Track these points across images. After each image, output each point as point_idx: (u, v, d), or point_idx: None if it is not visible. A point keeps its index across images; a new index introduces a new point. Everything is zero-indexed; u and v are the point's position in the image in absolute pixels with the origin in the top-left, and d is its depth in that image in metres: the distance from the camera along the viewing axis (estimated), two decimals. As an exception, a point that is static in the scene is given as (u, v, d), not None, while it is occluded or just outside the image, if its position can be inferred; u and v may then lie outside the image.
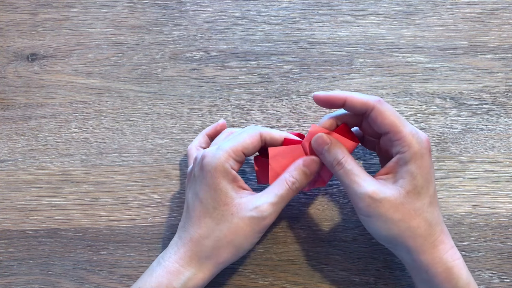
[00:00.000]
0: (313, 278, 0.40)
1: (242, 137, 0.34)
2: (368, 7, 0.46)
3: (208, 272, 0.33)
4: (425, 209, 0.32)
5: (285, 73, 0.44)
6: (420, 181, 0.32)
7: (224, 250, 0.33)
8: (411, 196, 0.32)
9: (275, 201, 0.33)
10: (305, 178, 0.34)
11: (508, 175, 0.42)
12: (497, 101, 0.44)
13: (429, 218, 0.32)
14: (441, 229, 0.33)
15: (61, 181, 0.42)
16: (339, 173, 0.33)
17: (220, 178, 0.33)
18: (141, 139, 0.43)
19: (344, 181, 0.33)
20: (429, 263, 0.32)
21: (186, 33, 0.45)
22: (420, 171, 0.32)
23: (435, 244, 0.32)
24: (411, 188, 0.32)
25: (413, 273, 0.34)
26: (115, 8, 0.46)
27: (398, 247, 0.33)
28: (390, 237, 0.33)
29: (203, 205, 0.33)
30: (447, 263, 0.32)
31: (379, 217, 0.32)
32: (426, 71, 0.44)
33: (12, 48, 0.45)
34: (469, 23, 0.45)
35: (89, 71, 0.44)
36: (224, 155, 0.33)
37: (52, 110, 0.44)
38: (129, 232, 0.41)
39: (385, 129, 0.33)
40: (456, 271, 0.32)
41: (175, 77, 0.44)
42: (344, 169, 0.33)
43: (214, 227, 0.33)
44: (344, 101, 0.34)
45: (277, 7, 0.46)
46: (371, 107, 0.33)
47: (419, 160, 0.32)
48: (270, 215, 0.33)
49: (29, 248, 0.41)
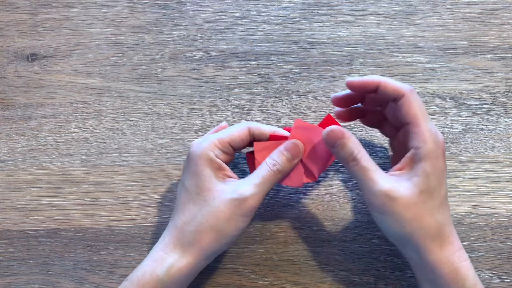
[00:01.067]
0: (313, 278, 0.40)
1: (230, 130, 0.35)
2: (368, 7, 0.46)
3: (192, 258, 0.33)
4: (436, 209, 0.32)
5: (285, 73, 0.44)
6: (433, 182, 0.32)
7: (206, 235, 0.32)
8: (424, 196, 0.32)
9: (256, 182, 0.33)
10: (287, 161, 0.34)
11: (508, 175, 0.42)
12: (497, 101, 0.44)
13: (439, 219, 0.32)
14: (450, 230, 0.33)
15: (61, 181, 0.42)
16: (354, 169, 0.33)
17: (203, 166, 0.33)
18: (141, 139, 0.43)
19: (359, 177, 0.33)
20: (436, 263, 0.32)
21: (186, 33, 0.45)
22: (434, 171, 0.32)
23: (444, 245, 0.32)
24: (425, 187, 0.32)
25: (420, 272, 0.34)
26: (115, 8, 0.46)
27: (407, 246, 0.33)
28: (401, 236, 0.33)
29: (187, 192, 0.34)
30: (454, 264, 0.32)
31: (393, 215, 0.32)
32: (426, 71, 0.44)
33: (12, 48, 0.45)
34: (469, 23, 0.45)
35: (89, 71, 0.44)
36: (209, 144, 0.34)
37: (52, 110, 0.44)
38: (129, 232, 0.41)
39: (408, 119, 0.33)
40: (463, 272, 0.32)
41: (175, 77, 0.44)
42: (359, 166, 0.33)
43: (197, 212, 0.33)
44: (378, 85, 0.34)
45: (277, 7, 0.46)
46: (402, 94, 0.33)
47: (434, 160, 0.32)
48: (251, 196, 0.32)
49: (29, 248, 0.41)
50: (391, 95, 0.34)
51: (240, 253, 0.41)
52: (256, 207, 0.33)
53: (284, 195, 0.42)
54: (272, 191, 0.42)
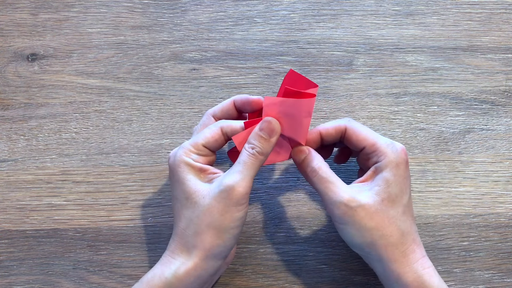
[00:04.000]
0: (313, 278, 0.40)
1: (203, 133, 0.35)
2: (368, 7, 0.46)
3: (198, 259, 0.33)
4: (399, 217, 0.33)
5: (285, 73, 0.44)
6: (394, 189, 0.33)
7: (206, 235, 0.33)
8: (386, 204, 0.32)
9: (239, 169, 0.33)
10: (264, 141, 0.33)
11: (508, 175, 0.42)
12: (497, 101, 0.44)
13: (402, 227, 0.33)
14: (413, 238, 0.33)
15: (61, 181, 0.42)
16: (314, 180, 0.34)
17: (185, 173, 0.34)
18: (141, 139, 0.43)
19: (319, 189, 0.34)
20: (400, 272, 0.32)
21: (186, 33, 0.45)
22: (395, 179, 0.33)
23: (406, 253, 0.33)
24: (386, 195, 0.33)
25: (385, 283, 0.34)
26: (115, 8, 0.46)
27: (370, 256, 0.34)
28: (363, 245, 0.33)
29: (178, 201, 0.34)
30: (417, 272, 0.32)
31: (354, 224, 0.32)
32: (426, 71, 0.44)
33: (12, 48, 0.45)
34: (469, 23, 0.45)
35: (89, 71, 0.44)
36: (183, 152, 0.34)
37: (52, 110, 0.44)
38: (129, 232, 0.41)
39: (361, 144, 0.34)
40: (427, 279, 0.32)
41: (175, 77, 0.44)
42: (319, 176, 0.33)
43: (191, 216, 0.33)
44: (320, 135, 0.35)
45: (277, 7, 0.46)
46: (343, 129, 0.35)
47: (395, 169, 0.33)
48: (237, 183, 0.32)
49: (29, 248, 0.41)
50: (336, 136, 0.35)
51: (240, 253, 0.41)
52: (246, 193, 0.33)
53: (284, 195, 0.42)
54: (272, 191, 0.42)
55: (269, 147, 0.34)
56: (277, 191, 0.42)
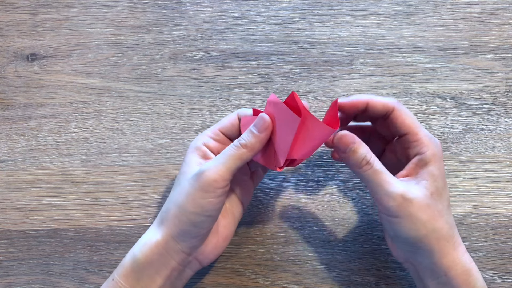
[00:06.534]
0: (313, 278, 0.40)
1: (222, 120, 0.36)
2: (368, 7, 0.46)
3: (160, 235, 0.33)
4: (445, 211, 0.33)
5: (285, 73, 0.44)
6: (440, 183, 0.33)
7: (170, 212, 0.33)
8: (435, 198, 0.32)
9: (217, 157, 0.33)
10: (252, 135, 0.33)
11: (508, 175, 0.42)
12: (497, 101, 0.44)
13: (449, 221, 0.33)
14: (457, 232, 0.34)
15: (61, 181, 0.42)
16: (368, 173, 0.33)
17: (190, 154, 0.35)
18: (141, 139, 0.43)
19: (373, 181, 0.33)
20: (450, 265, 0.32)
21: (186, 33, 0.45)
22: (440, 173, 0.33)
23: (455, 246, 0.33)
24: (434, 189, 0.33)
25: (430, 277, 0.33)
26: (115, 8, 0.46)
27: (419, 250, 0.33)
28: (416, 239, 0.32)
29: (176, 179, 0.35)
30: (465, 265, 0.32)
31: (409, 217, 0.32)
32: (426, 71, 0.44)
33: (12, 48, 0.45)
34: (469, 23, 0.45)
35: (89, 71, 0.44)
36: (200, 136, 0.36)
37: (52, 110, 0.44)
38: (129, 232, 0.41)
39: (404, 130, 0.34)
40: (474, 273, 0.33)
41: (175, 77, 0.44)
42: (373, 169, 0.33)
43: (172, 193, 0.34)
44: (367, 104, 0.35)
45: (277, 7, 0.46)
46: (391, 109, 0.34)
47: (438, 162, 0.33)
48: (209, 169, 0.32)
49: (29, 248, 0.41)
50: (380, 112, 0.35)
51: (240, 253, 0.41)
52: (214, 180, 0.32)
53: (284, 195, 0.42)
54: (272, 191, 0.42)
55: (255, 141, 0.33)
56: (277, 191, 0.42)
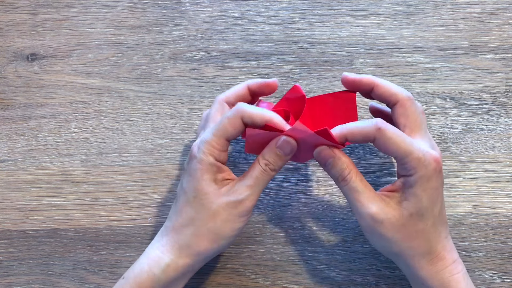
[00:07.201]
0: (313, 278, 0.40)
1: (223, 125, 0.33)
2: (368, 7, 0.46)
3: (190, 260, 0.33)
4: (428, 229, 0.32)
5: (285, 73, 0.44)
6: (425, 203, 0.32)
7: (204, 238, 0.33)
8: (414, 218, 0.32)
9: (251, 184, 0.33)
10: (279, 159, 0.33)
11: (508, 175, 0.42)
12: (497, 101, 0.44)
13: (431, 238, 0.33)
14: (443, 246, 0.33)
15: (61, 181, 0.42)
16: (343, 189, 0.33)
17: (203, 171, 0.33)
18: (141, 139, 0.43)
19: (348, 197, 0.33)
20: (426, 278, 0.33)
21: (186, 33, 0.45)
22: (426, 193, 0.32)
23: (434, 262, 0.33)
24: (415, 210, 0.32)
25: (413, 284, 0.35)
26: (115, 8, 0.46)
27: (398, 261, 0.35)
28: (390, 254, 0.34)
29: (186, 195, 0.33)
30: (443, 279, 0.32)
31: (380, 236, 0.32)
32: (426, 71, 0.44)
33: (12, 48, 0.45)
34: (469, 23, 0.45)
35: (89, 71, 0.44)
36: (208, 148, 0.33)
37: (52, 110, 0.44)
38: (129, 232, 0.41)
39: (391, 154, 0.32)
40: (453, 285, 0.32)
41: (175, 77, 0.44)
42: (349, 186, 0.33)
43: (194, 216, 0.33)
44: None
45: (277, 7, 0.46)
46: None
47: (425, 183, 0.32)
48: (247, 198, 0.33)
49: (29, 248, 0.41)
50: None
51: (240, 253, 0.41)
52: (252, 206, 0.33)
53: (284, 195, 0.42)
54: (272, 191, 0.42)
55: (282, 164, 0.34)
56: (277, 191, 0.42)
